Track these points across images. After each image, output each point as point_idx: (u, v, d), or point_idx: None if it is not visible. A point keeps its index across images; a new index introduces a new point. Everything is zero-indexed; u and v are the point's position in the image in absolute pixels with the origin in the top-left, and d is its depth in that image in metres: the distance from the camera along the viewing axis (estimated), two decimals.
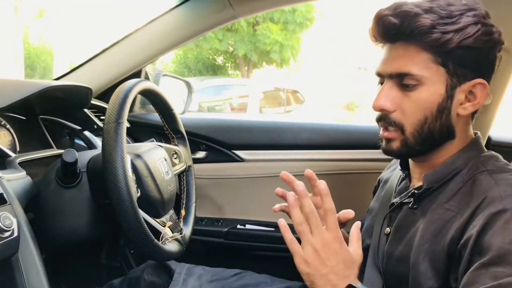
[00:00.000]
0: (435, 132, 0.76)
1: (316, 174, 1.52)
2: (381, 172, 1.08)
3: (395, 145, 0.78)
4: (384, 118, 0.78)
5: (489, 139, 1.41)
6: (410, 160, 0.87)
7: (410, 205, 0.80)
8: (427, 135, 0.76)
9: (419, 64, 0.73)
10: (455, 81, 0.74)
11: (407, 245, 0.77)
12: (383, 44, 0.79)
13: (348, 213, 0.85)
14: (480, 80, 0.74)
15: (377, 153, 1.46)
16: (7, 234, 0.76)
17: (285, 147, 1.54)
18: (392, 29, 0.73)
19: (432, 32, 0.70)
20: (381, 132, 0.81)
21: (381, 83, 0.80)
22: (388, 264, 0.81)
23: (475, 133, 0.82)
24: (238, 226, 1.53)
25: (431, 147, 0.78)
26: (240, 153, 1.55)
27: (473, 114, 0.79)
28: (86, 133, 1.29)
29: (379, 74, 0.79)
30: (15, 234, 0.79)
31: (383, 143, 0.81)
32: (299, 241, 0.71)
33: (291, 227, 0.71)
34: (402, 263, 0.77)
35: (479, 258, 0.64)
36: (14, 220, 0.79)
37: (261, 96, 7.56)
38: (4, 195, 0.81)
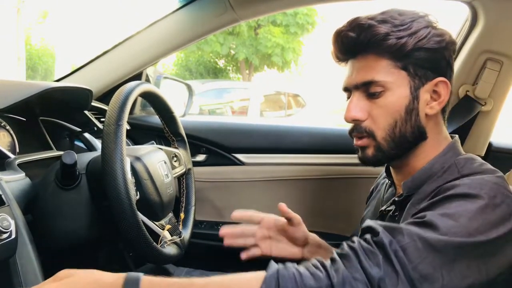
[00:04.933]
0: (407, 134, 0.78)
1: (316, 179, 1.53)
2: (378, 177, 1.09)
3: (370, 152, 0.81)
4: (355, 128, 0.81)
5: (490, 145, 1.41)
6: (391, 168, 0.89)
7: (391, 212, 0.83)
8: (399, 138, 0.78)
9: (381, 71, 0.77)
10: (417, 82, 0.78)
11: None
12: (345, 61, 0.83)
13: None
14: (441, 78, 0.78)
15: None
16: (5, 236, 0.76)
17: (286, 151, 1.54)
18: (350, 43, 0.78)
19: (387, 39, 0.75)
20: (354, 142, 0.83)
21: (349, 97, 0.83)
22: None
23: (452, 137, 0.84)
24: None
25: (405, 150, 0.80)
26: (240, 157, 1.55)
27: (443, 114, 0.83)
28: (86, 135, 1.29)
29: (345, 89, 0.83)
30: (13, 236, 0.78)
31: (359, 153, 0.84)
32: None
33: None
34: None
35: (410, 220, 0.67)
36: (12, 222, 0.78)
37: (262, 100, 7.56)
38: (3, 196, 0.80)
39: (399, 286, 0.58)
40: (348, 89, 0.83)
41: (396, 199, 0.82)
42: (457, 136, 0.85)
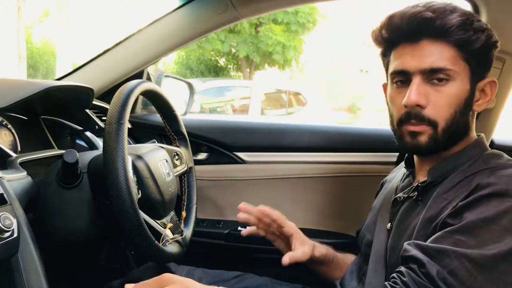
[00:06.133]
0: (461, 127, 0.79)
1: (317, 177, 1.53)
2: (382, 175, 1.09)
3: (423, 139, 0.78)
4: (416, 115, 0.78)
5: (492, 142, 1.41)
6: (416, 157, 0.89)
7: (414, 198, 0.83)
8: (455, 131, 0.78)
9: (450, 60, 0.76)
10: (476, 79, 0.78)
11: (409, 237, 0.79)
12: (394, 44, 0.80)
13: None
14: (492, 78, 0.80)
15: (379, 156, 1.47)
16: (7, 234, 0.76)
17: (287, 149, 1.54)
18: (424, 23, 0.75)
19: (465, 29, 0.74)
20: (405, 127, 0.80)
21: (401, 81, 0.80)
22: (392, 257, 0.83)
23: (478, 135, 0.85)
24: (239, 228, 1.52)
25: (454, 142, 0.80)
26: (242, 155, 1.55)
27: (478, 113, 0.84)
28: (88, 133, 1.29)
29: (402, 72, 0.79)
30: (15, 235, 0.78)
31: (408, 138, 0.80)
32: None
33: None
34: None
35: (450, 225, 0.68)
36: (14, 221, 0.78)
37: (263, 98, 7.56)
38: (5, 195, 0.80)
39: None
40: (405, 73, 0.78)
41: (420, 185, 0.82)
42: (483, 134, 0.86)
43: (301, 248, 0.96)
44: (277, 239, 1.03)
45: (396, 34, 0.79)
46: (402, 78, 0.80)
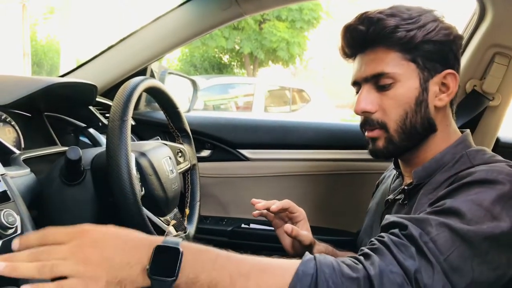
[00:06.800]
0: (417, 125, 0.79)
1: (320, 174, 1.53)
2: (383, 173, 1.09)
3: (381, 143, 0.82)
4: (367, 121, 0.82)
5: (497, 140, 1.39)
6: (399, 160, 0.89)
7: (400, 201, 0.84)
8: (410, 130, 0.79)
9: (391, 63, 0.78)
10: (426, 75, 0.79)
11: None
12: (353, 57, 0.85)
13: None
14: (449, 70, 0.79)
15: None
16: (10, 231, 0.76)
17: (290, 147, 1.53)
18: (360, 36, 0.80)
19: (397, 31, 0.76)
20: (366, 134, 0.84)
21: (358, 91, 0.84)
22: None
23: (462, 131, 0.85)
24: (243, 225, 1.52)
25: (415, 142, 0.81)
26: (245, 152, 1.54)
27: (451, 106, 0.84)
28: (91, 130, 1.29)
29: (354, 83, 0.85)
30: (19, 232, 0.78)
31: (370, 145, 0.84)
32: None
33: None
34: None
35: (434, 208, 0.67)
36: (18, 218, 0.78)
37: (267, 95, 7.55)
38: (8, 192, 0.80)
39: (435, 276, 0.58)
40: (357, 83, 0.84)
41: (406, 187, 0.82)
42: (468, 130, 0.85)
43: (306, 232, 0.95)
44: (282, 226, 1.01)
45: (349, 49, 0.84)
46: (357, 89, 0.84)
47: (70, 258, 0.54)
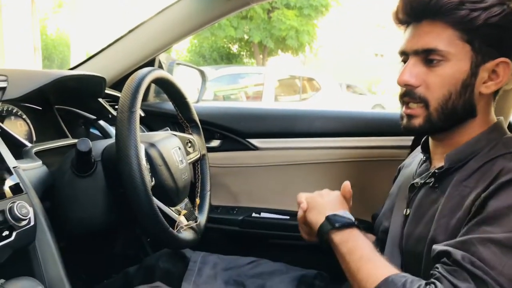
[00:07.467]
0: (458, 108, 0.77)
1: (331, 162, 1.52)
2: (396, 159, 1.08)
3: (418, 122, 0.80)
4: (408, 93, 0.79)
5: (510, 124, 1.37)
6: (431, 142, 0.87)
7: (431, 184, 0.82)
8: (451, 112, 0.77)
9: (446, 40, 0.75)
10: (479, 59, 0.75)
11: (427, 224, 0.78)
12: (406, 25, 0.81)
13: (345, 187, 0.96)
14: (503, 59, 0.75)
15: (393, 140, 1.45)
16: (24, 223, 0.77)
17: (300, 135, 1.53)
18: (420, 5, 0.76)
19: (460, 9, 0.72)
20: (403, 109, 0.82)
21: (404, 61, 0.81)
22: (408, 244, 0.83)
23: (498, 118, 0.83)
24: (253, 215, 1.53)
25: (453, 124, 0.79)
26: (255, 142, 1.54)
27: (494, 96, 0.81)
28: (101, 122, 1.30)
29: (403, 52, 0.81)
30: (32, 223, 0.80)
31: (404, 121, 0.82)
32: None
33: None
34: (421, 242, 0.78)
35: (475, 217, 0.68)
36: (31, 209, 0.80)
37: (277, 84, 7.53)
38: (21, 184, 0.82)
39: None
40: (405, 53, 0.80)
41: (436, 171, 0.81)
42: (502, 117, 0.83)
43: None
44: None
45: (405, 16, 0.80)
46: (404, 58, 0.82)
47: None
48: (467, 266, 0.64)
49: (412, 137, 1.40)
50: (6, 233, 0.74)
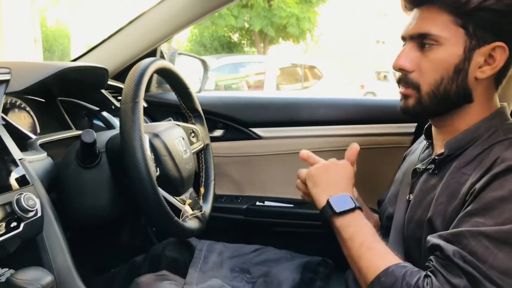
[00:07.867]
0: (451, 93, 0.77)
1: (334, 150, 1.52)
2: (400, 146, 1.08)
3: (411, 102, 0.81)
4: (402, 79, 0.81)
5: None
6: (433, 128, 0.88)
7: (431, 171, 0.83)
8: (443, 96, 0.78)
9: (440, 25, 0.75)
10: (474, 43, 0.75)
11: (425, 209, 0.79)
12: (411, 11, 0.82)
13: (352, 149, 0.97)
14: (499, 43, 0.74)
15: (396, 127, 1.45)
16: (31, 214, 0.78)
17: (303, 124, 1.53)
18: None
19: None
20: (399, 89, 0.83)
21: (403, 45, 0.82)
22: (409, 229, 0.84)
23: (501, 104, 0.82)
24: (257, 203, 1.54)
25: (446, 109, 0.80)
26: (258, 131, 1.54)
27: (496, 81, 0.79)
28: (105, 113, 1.30)
29: (402, 38, 0.83)
30: (39, 214, 0.81)
31: (401, 102, 0.84)
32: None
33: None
34: (421, 227, 0.79)
35: (468, 207, 0.69)
36: (37, 201, 0.81)
37: (278, 73, 7.49)
38: (27, 176, 0.83)
39: (486, 286, 0.62)
40: (403, 38, 0.82)
41: (436, 157, 0.81)
42: (505, 103, 0.83)
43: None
44: None
45: (408, 1, 0.81)
46: (404, 43, 0.83)
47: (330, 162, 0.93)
48: (458, 262, 0.65)
49: (415, 124, 1.40)
50: (14, 224, 0.75)
